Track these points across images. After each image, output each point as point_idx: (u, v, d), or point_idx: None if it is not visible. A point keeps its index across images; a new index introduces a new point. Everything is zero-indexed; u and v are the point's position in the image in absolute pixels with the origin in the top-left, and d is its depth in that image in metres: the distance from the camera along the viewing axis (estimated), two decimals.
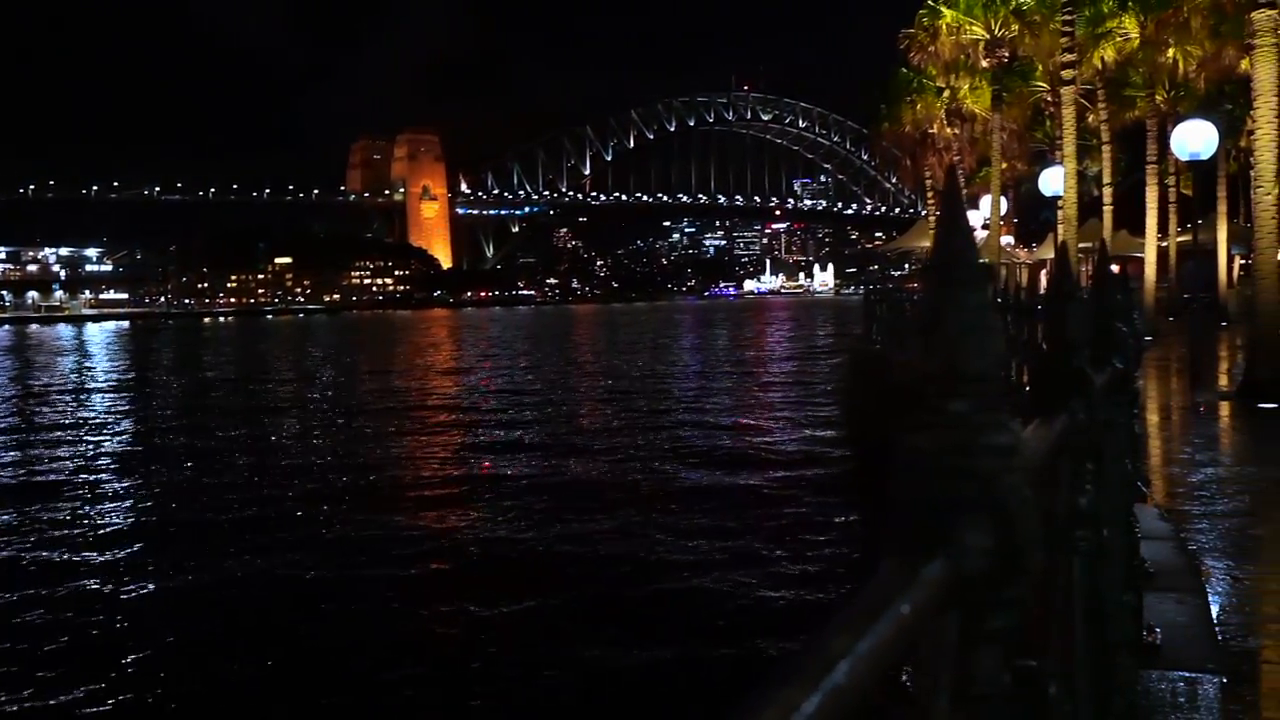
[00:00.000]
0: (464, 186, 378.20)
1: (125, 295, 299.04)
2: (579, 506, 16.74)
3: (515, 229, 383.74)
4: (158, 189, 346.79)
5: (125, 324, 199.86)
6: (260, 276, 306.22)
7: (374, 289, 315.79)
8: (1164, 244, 40.65)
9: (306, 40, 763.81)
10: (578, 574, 12.86)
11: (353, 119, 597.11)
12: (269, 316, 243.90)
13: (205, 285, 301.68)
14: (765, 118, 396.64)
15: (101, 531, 16.21)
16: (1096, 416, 2.40)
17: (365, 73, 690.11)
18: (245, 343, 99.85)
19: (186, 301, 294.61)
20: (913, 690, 1.14)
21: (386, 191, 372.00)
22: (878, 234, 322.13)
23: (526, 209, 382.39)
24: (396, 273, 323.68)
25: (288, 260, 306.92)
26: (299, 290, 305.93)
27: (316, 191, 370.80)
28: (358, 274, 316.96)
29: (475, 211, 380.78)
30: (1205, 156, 23.66)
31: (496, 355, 64.69)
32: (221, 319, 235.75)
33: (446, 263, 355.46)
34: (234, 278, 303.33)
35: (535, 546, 14.38)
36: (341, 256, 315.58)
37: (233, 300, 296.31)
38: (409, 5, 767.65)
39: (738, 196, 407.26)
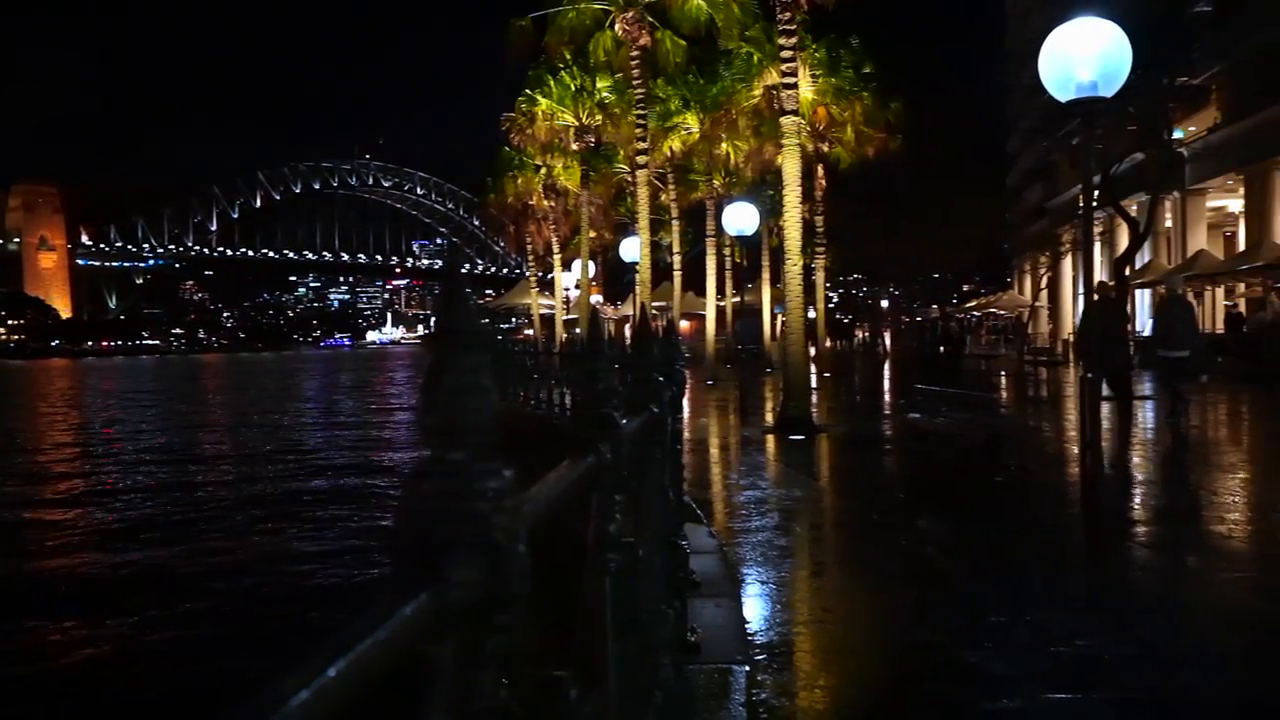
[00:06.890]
0: (85, 238, 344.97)
1: None
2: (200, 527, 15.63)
3: (140, 281, 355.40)
4: None
5: None
6: None
7: None
8: (722, 304, 44.03)
9: None
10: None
11: None
12: None
13: None
14: (386, 184, 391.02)
15: None
16: (622, 455, 2.52)
17: None
18: None
19: None
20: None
21: (0, 241, 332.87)
22: (488, 291, 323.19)
23: (152, 261, 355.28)
24: (10, 322, 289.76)
25: None
26: None
27: None
28: None
29: (97, 263, 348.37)
30: (749, 232, 25.64)
31: (120, 398, 59.28)
32: None
33: (66, 313, 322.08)
34: None
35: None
36: None
37: None
38: (30, 56, 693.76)
39: (360, 255, 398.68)
